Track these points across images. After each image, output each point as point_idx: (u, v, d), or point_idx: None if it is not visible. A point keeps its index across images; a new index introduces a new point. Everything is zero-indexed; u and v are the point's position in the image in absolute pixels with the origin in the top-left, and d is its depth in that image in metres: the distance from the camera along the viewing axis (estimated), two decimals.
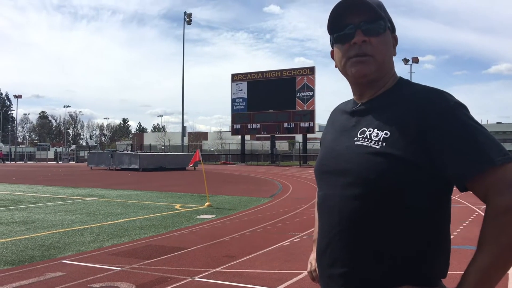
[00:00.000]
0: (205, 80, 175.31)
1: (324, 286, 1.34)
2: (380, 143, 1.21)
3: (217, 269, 5.04)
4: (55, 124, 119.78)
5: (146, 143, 68.88)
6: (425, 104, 1.20)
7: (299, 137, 51.12)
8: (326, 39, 1.41)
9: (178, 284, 4.50)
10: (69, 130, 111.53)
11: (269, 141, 48.98)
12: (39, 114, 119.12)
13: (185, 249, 6.06)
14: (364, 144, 1.24)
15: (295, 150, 58.10)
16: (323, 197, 1.35)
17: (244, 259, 5.52)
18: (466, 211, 9.51)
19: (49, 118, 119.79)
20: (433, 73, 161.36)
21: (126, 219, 8.70)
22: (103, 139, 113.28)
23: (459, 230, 7.28)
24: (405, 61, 53.36)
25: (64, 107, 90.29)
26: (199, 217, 9.05)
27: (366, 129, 1.27)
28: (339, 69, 1.39)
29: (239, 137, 49.14)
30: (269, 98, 44.95)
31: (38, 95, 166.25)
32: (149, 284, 4.49)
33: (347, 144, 1.30)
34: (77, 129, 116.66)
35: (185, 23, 50.15)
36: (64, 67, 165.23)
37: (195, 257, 5.62)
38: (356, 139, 1.28)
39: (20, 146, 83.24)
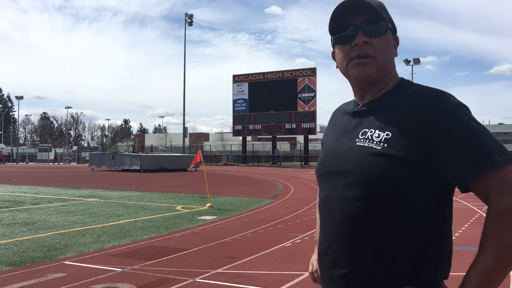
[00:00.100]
0: (207, 81, 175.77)
1: (325, 287, 1.34)
2: (381, 144, 1.21)
3: (219, 270, 5.04)
4: (56, 125, 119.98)
5: (147, 144, 68.97)
6: (426, 105, 1.20)
7: (300, 138, 51.07)
8: (327, 40, 1.41)
9: (179, 285, 4.50)
10: (70, 131, 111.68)
11: (270, 142, 48.98)
12: (41, 115, 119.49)
13: (186, 250, 6.06)
14: (365, 145, 1.24)
15: (296, 151, 58.06)
16: (325, 198, 1.35)
17: (245, 260, 5.52)
18: (467, 212, 9.49)
19: (51, 119, 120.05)
20: (434, 74, 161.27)
21: (127, 220, 8.70)
22: (105, 140, 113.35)
23: (460, 231, 7.27)
24: (407, 62, 53.37)
25: (65, 108, 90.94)
26: (200, 218, 9.05)
27: (367, 130, 1.27)
28: (340, 70, 1.38)
29: (241, 138, 49.19)
30: (270, 99, 44.97)
31: (39, 96, 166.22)
32: (151, 285, 4.49)
33: (348, 145, 1.30)
34: (78, 130, 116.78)
35: (187, 24, 50.25)
36: (65, 68, 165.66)
37: (196, 258, 5.62)
38: (357, 140, 1.28)
39: (21, 147, 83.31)
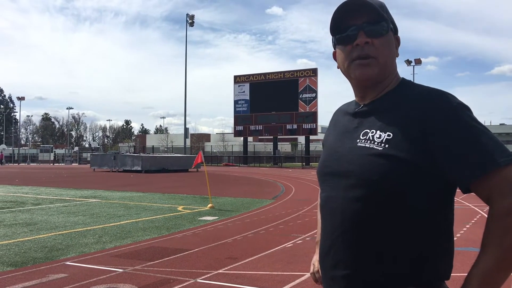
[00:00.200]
0: (208, 81, 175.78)
1: (326, 287, 1.34)
2: (382, 144, 1.21)
3: (220, 271, 5.04)
4: (58, 126, 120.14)
5: (148, 145, 68.97)
6: (427, 105, 1.20)
7: (301, 139, 51.00)
8: (328, 40, 1.41)
9: (180, 285, 4.50)
10: (72, 132, 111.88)
11: (272, 143, 48.93)
12: (42, 116, 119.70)
13: (187, 250, 6.06)
14: (366, 145, 1.24)
15: (297, 151, 58.03)
16: (326, 198, 1.35)
17: (246, 260, 5.52)
18: (469, 212, 9.48)
19: (52, 120, 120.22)
20: (436, 75, 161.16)
21: (128, 221, 8.71)
22: (106, 140, 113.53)
23: (462, 232, 7.26)
24: (408, 62, 53.34)
25: (67, 109, 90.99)
26: (201, 218, 9.05)
27: (368, 131, 1.27)
28: (341, 71, 1.38)
29: (242, 138, 49.14)
30: (271, 99, 44.93)
31: (41, 97, 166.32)
32: (152, 285, 4.49)
33: (349, 145, 1.30)
34: (80, 130, 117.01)
35: (188, 25, 50.29)
36: (67, 69, 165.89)
37: (197, 258, 5.62)
38: (358, 140, 1.27)
39: (23, 148, 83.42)
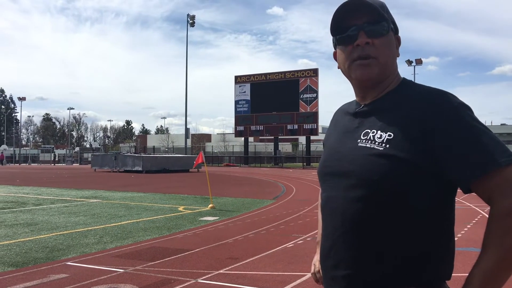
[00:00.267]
0: (209, 82, 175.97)
1: (327, 287, 1.34)
2: (383, 144, 1.21)
3: (221, 271, 5.04)
4: (59, 126, 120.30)
5: (149, 145, 69.03)
6: (428, 105, 1.20)
7: (302, 139, 51.06)
8: (329, 40, 1.41)
9: (181, 286, 4.50)
10: (73, 132, 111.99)
11: (273, 143, 48.95)
12: (43, 116, 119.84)
13: (188, 251, 6.06)
14: (367, 145, 1.24)
15: (298, 152, 58.07)
16: (326, 199, 1.35)
17: (247, 261, 5.52)
18: (470, 212, 9.47)
19: (53, 120, 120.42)
20: (436, 75, 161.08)
21: (129, 221, 8.71)
22: (107, 141, 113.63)
23: (463, 232, 7.25)
24: (409, 62, 53.32)
25: (68, 109, 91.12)
26: (202, 219, 9.05)
27: (369, 131, 1.27)
28: (342, 71, 1.38)
29: (243, 139, 49.16)
30: (272, 100, 44.95)
31: (42, 97, 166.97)
32: (153, 286, 4.49)
33: (350, 145, 1.29)
34: (81, 131, 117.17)
35: (189, 25, 50.32)
36: (68, 70, 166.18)
37: (198, 259, 5.62)
38: (359, 140, 1.27)
39: (24, 148, 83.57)
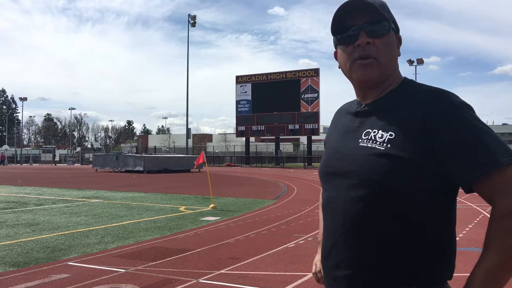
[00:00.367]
0: (210, 82, 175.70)
1: (328, 287, 1.34)
2: (385, 144, 1.20)
3: (222, 271, 5.04)
4: (60, 126, 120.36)
5: (150, 145, 69.05)
6: (430, 104, 1.19)
7: (303, 139, 51.05)
8: (330, 40, 1.40)
9: (182, 286, 4.50)
10: (74, 132, 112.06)
11: (274, 143, 48.94)
12: (45, 116, 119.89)
13: (189, 251, 6.06)
14: (368, 145, 1.24)
15: (299, 152, 58.04)
16: (327, 198, 1.34)
17: (248, 261, 5.52)
18: (471, 212, 9.46)
19: (54, 120, 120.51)
20: (438, 74, 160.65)
21: (131, 221, 8.71)
22: (108, 141, 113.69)
23: (464, 232, 7.24)
24: (410, 62, 53.25)
25: (69, 109, 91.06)
26: (203, 219, 9.05)
27: (370, 130, 1.26)
28: (342, 71, 1.38)
29: (244, 139, 49.15)
30: (273, 100, 44.95)
31: (43, 98, 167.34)
32: (154, 286, 4.49)
33: (351, 145, 1.29)
34: (82, 131, 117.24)
35: (190, 25, 50.33)
36: (69, 70, 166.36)
37: (199, 259, 5.63)
38: (360, 140, 1.27)
39: (25, 148, 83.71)
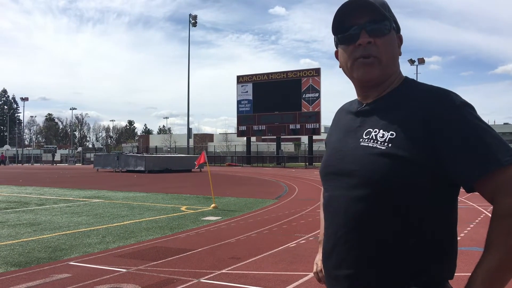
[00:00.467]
0: (211, 82, 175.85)
1: (330, 287, 1.34)
2: (386, 144, 1.20)
3: (223, 271, 5.04)
4: (61, 126, 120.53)
5: (152, 145, 69.07)
6: (431, 104, 1.19)
7: (304, 139, 51.00)
8: (331, 40, 1.40)
9: (184, 285, 4.50)
10: (75, 132, 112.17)
11: (275, 143, 48.95)
12: (46, 116, 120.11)
13: (191, 250, 6.06)
14: (370, 145, 1.23)
15: (300, 151, 58.01)
16: (329, 198, 1.34)
17: (250, 260, 5.52)
18: (473, 212, 9.45)
19: (56, 120, 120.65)
20: (439, 74, 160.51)
21: (132, 221, 8.72)
22: (109, 141, 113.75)
23: (466, 231, 7.23)
24: (411, 62, 53.13)
25: (70, 109, 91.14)
26: (204, 218, 9.05)
27: (371, 130, 1.26)
28: (343, 70, 1.37)
29: (245, 138, 49.14)
30: (274, 99, 44.94)
31: (44, 98, 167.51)
32: (155, 285, 4.49)
33: (352, 145, 1.29)
34: (83, 131, 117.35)
35: (191, 25, 50.35)
36: (70, 70, 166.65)
37: (201, 258, 5.63)
38: (361, 140, 1.27)
39: (26, 148, 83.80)
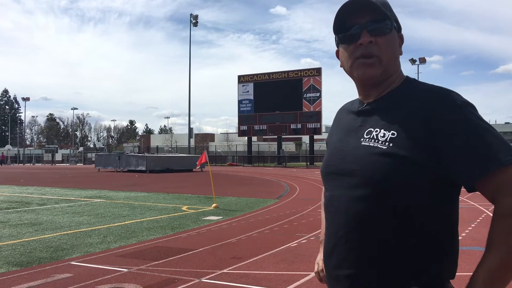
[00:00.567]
0: (212, 81, 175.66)
1: (331, 287, 1.33)
2: (387, 143, 1.20)
3: (224, 271, 5.04)
4: (62, 126, 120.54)
5: (153, 145, 69.07)
6: (432, 103, 1.19)
7: (305, 138, 51.03)
8: (332, 39, 1.40)
9: (185, 285, 4.50)
10: (76, 132, 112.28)
11: (276, 143, 48.94)
12: (47, 116, 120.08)
13: (192, 250, 6.06)
14: (371, 144, 1.23)
15: (301, 151, 58.01)
16: (330, 198, 1.34)
17: (251, 260, 5.52)
18: (474, 212, 9.44)
19: (57, 120, 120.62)
20: (440, 73, 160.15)
21: (133, 221, 8.73)
22: (110, 141, 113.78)
23: (467, 231, 7.23)
24: (412, 61, 53.07)
25: (71, 109, 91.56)
26: (206, 218, 9.06)
27: (372, 130, 1.26)
28: (344, 70, 1.37)
29: (246, 138, 49.16)
30: (275, 99, 44.94)
31: (46, 98, 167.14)
32: (156, 285, 4.49)
33: (353, 144, 1.29)
34: (84, 131, 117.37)
35: (191, 25, 50.35)
36: (71, 70, 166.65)
37: (202, 258, 5.63)
38: (362, 139, 1.27)
39: (28, 148, 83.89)
